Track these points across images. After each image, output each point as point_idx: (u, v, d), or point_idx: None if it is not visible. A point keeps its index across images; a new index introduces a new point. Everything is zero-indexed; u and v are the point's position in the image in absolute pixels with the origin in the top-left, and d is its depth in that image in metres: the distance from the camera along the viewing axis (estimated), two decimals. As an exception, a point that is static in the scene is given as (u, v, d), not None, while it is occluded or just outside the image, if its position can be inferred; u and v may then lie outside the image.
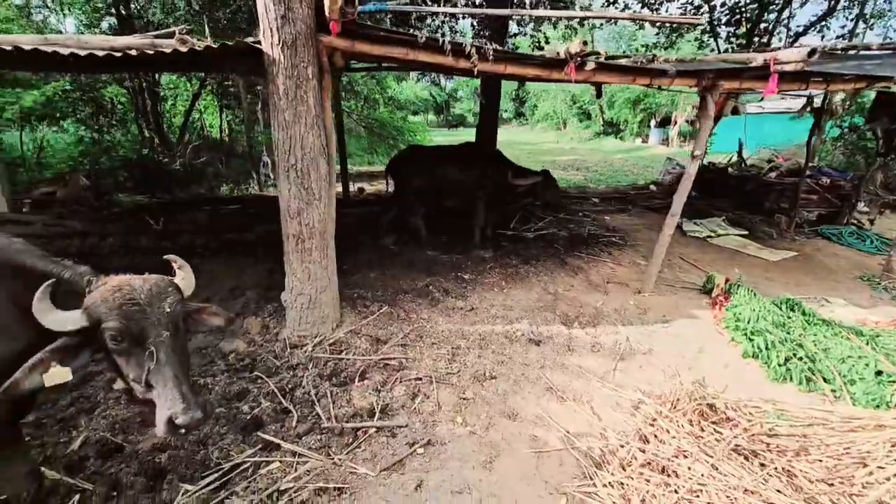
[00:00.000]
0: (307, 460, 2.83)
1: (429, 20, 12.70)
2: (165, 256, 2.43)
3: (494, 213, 7.51)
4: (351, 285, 5.46)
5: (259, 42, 3.83)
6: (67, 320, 1.88)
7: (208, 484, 2.63)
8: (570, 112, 33.94)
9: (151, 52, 3.88)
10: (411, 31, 4.20)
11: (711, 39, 12.48)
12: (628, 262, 6.90)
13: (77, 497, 2.50)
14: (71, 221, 7.26)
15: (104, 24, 13.52)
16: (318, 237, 4.24)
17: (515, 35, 13.29)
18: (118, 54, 3.92)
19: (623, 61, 4.58)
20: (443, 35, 4.77)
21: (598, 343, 4.53)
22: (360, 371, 3.81)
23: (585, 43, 4.03)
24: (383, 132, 19.38)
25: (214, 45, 3.68)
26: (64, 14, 14.76)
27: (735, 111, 8.55)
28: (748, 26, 11.53)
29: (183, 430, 1.97)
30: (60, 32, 13.23)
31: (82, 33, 13.22)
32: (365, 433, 3.11)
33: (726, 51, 11.68)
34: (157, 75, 14.06)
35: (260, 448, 2.94)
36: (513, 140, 27.66)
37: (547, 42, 12.34)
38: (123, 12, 12.54)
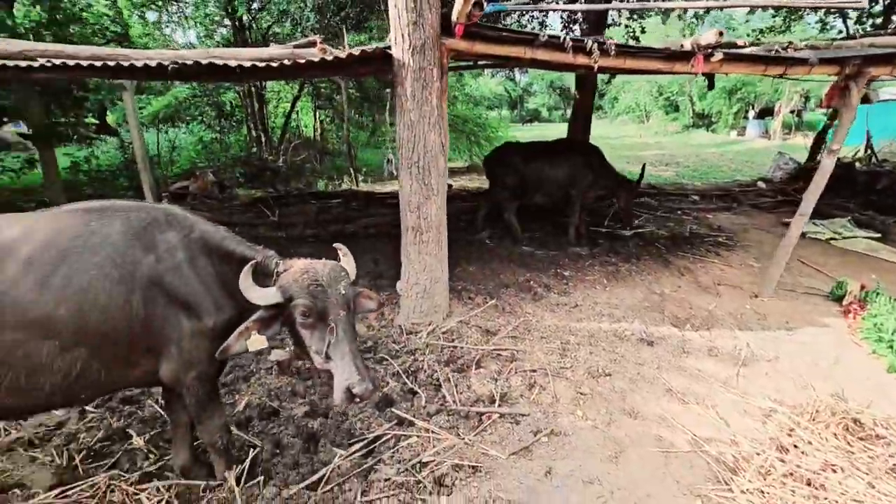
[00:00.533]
0: (440, 437, 3.03)
1: (515, 16, 12.65)
2: (334, 245, 2.73)
3: (587, 209, 7.40)
4: (454, 278, 5.67)
5: (389, 47, 4.11)
6: (268, 296, 2.19)
7: (357, 451, 2.91)
8: (655, 104, 32.12)
9: (289, 63, 4.30)
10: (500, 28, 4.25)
11: (838, 20, 11.22)
12: (739, 263, 6.48)
13: (251, 451, 2.89)
14: (204, 213, 8.20)
15: (216, 36, 14.98)
16: (435, 230, 4.47)
17: (609, 26, 12.85)
18: (262, 64, 4.38)
19: (753, 50, 4.31)
20: (541, 30, 4.77)
21: (715, 347, 4.34)
22: (476, 360, 3.98)
23: (721, 34, 3.86)
24: (465, 128, 19.57)
25: (355, 53, 4.00)
26: (186, 28, 16.55)
27: (866, 99, 7.68)
28: (886, 2, 10.21)
29: (358, 399, 2.23)
30: (193, 45, 14.82)
31: (203, 44, 14.75)
32: (489, 418, 3.26)
33: (855, 33, 10.44)
34: (260, 81, 15.35)
35: (396, 423, 3.19)
36: (592, 134, 26.69)
37: (643, 31, 11.81)
38: (237, 23, 13.81)
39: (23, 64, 4.52)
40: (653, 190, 11.11)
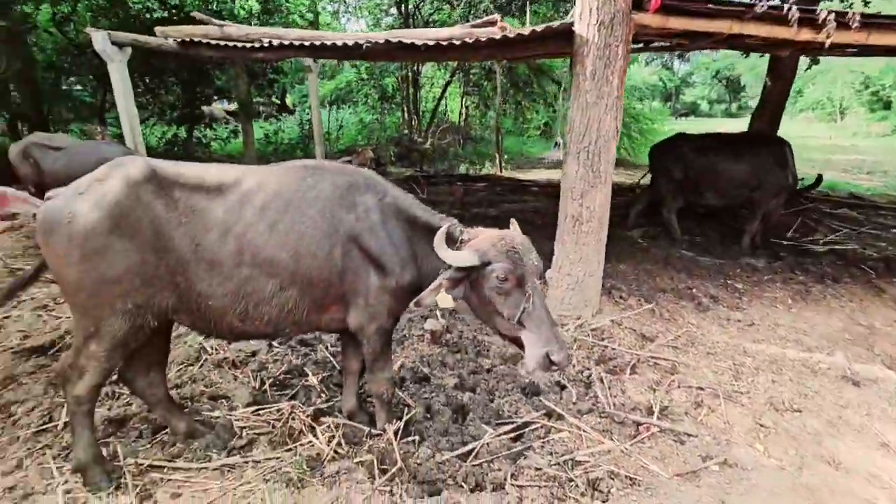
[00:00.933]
0: (593, 439, 2.85)
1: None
2: (511, 219, 2.72)
3: (770, 217, 6.33)
4: (604, 275, 5.32)
5: (572, 24, 3.90)
6: (464, 258, 2.22)
7: (506, 433, 2.89)
8: (856, 99, 26.28)
9: (470, 41, 4.35)
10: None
11: None
12: None
13: (406, 410, 3.05)
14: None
15: (382, 24, 16.09)
16: (597, 221, 4.20)
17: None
18: (444, 43, 4.51)
19: None
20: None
21: (955, 404, 3.39)
22: (631, 364, 3.67)
23: None
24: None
25: (538, 29, 3.89)
26: (358, 17, 18.12)
27: None
28: None
29: (555, 367, 2.18)
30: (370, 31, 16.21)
31: (372, 31, 16.00)
32: (647, 430, 2.98)
33: None
34: (418, 65, 16.14)
35: (544, 413, 3.09)
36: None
37: (866, 4, 9.62)
38: (403, 11, 14.66)
39: (248, 45, 5.32)
40: (855, 200, 9.16)
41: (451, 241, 2.40)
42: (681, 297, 4.98)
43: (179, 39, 5.59)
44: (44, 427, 2.87)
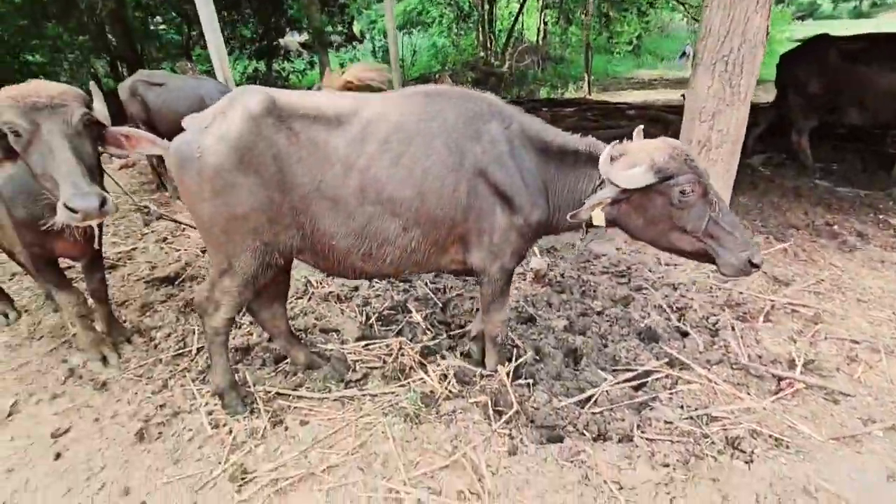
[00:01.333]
0: (727, 393, 2.59)
1: None
2: (637, 127, 2.42)
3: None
4: (722, 208, 4.72)
5: None
6: (639, 177, 1.98)
7: (626, 380, 2.70)
8: None
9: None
10: None
11: None
12: None
13: (515, 351, 2.94)
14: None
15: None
16: (730, 145, 3.63)
17: None
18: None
19: None
20: None
21: None
22: (763, 311, 3.26)
23: None
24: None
25: None
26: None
27: None
28: None
29: (755, 270, 2.04)
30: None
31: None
32: (791, 385, 2.64)
33: None
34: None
35: (666, 362, 2.84)
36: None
37: None
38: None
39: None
40: None
41: (593, 160, 2.19)
42: (819, 234, 4.31)
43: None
44: (180, 352, 3.12)
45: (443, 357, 2.95)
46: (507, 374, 2.69)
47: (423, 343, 3.09)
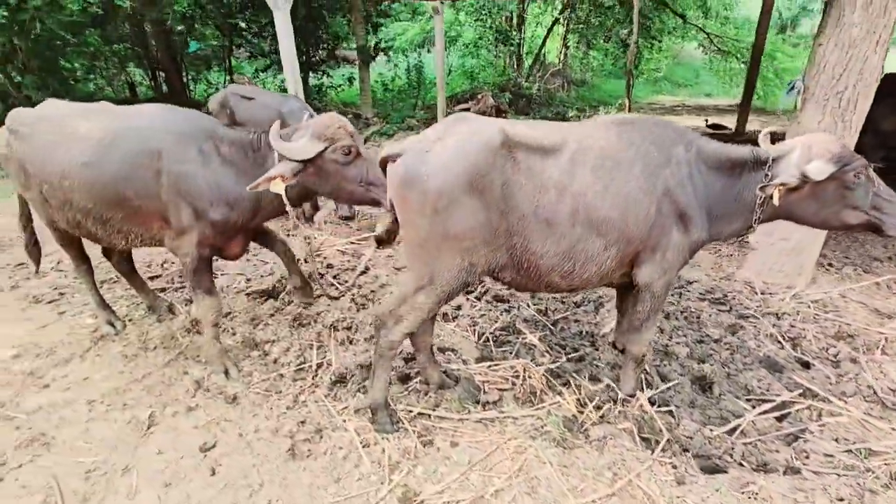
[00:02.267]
0: (878, 427, 2.59)
1: None
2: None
3: None
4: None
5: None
6: (824, 169, 2.18)
7: (768, 411, 2.70)
8: None
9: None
10: None
11: None
12: None
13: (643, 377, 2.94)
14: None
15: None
16: (835, 180, 3.67)
17: None
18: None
19: None
20: None
21: None
22: (879, 344, 3.28)
23: None
24: (740, 54, 16.08)
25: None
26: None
27: None
28: None
29: None
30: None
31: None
32: (933, 420, 2.65)
33: None
34: (526, 3, 15.02)
35: (800, 394, 2.85)
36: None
37: None
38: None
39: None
40: None
41: (762, 163, 2.34)
42: (905, 267, 4.36)
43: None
44: (301, 366, 3.11)
45: (571, 379, 2.95)
46: (651, 402, 2.70)
47: (545, 366, 3.09)
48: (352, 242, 4.90)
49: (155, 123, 2.64)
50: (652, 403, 2.76)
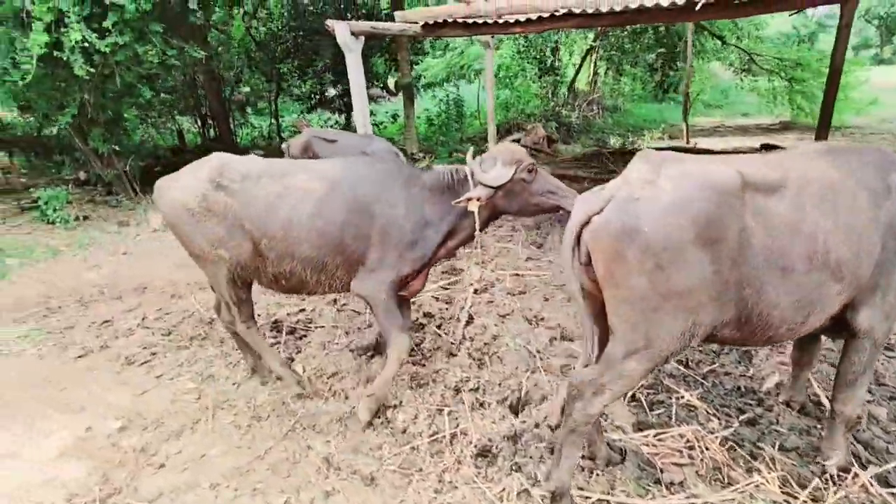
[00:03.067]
0: None
1: None
2: None
3: None
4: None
5: None
6: None
7: None
8: None
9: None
10: None
11: None
12: None
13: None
14: (543, 165, 8.49)
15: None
16: None
17: None
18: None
19: None
20: None
21: None
22: None
23: None
24: (781, 70, 15.64)
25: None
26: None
27: None
28: None
29: None
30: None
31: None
32: None
33: None
34: (558, 34, 15.06)
35: None
36: None
37: None
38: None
39: (500, 20, 4.94)
40: None
41: None
42: None
43: (422, 22, 5.40)
44: (434, 437, 2.76)
45: (755, 450, 2.53)
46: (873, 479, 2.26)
47: (718, 433, 2.67)
48: (444, 288, 4.61)
49: (367, 173, 2.88)
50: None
